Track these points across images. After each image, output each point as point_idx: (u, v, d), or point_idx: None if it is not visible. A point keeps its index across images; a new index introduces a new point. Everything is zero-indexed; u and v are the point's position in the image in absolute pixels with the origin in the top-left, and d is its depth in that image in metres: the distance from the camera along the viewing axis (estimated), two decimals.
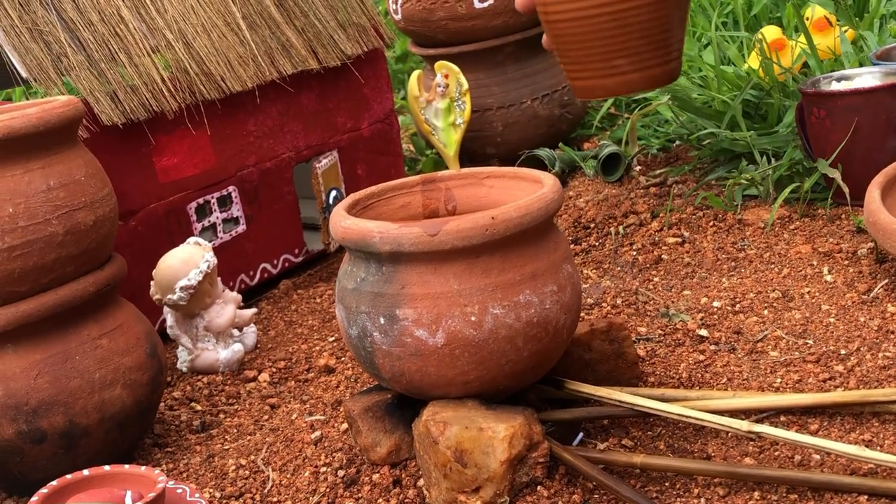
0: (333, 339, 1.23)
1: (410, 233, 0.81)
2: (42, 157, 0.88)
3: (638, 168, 1.61)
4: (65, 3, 1.19)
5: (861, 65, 1.52)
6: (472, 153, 1.75)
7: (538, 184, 0.90)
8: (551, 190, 0.85)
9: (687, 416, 0.84)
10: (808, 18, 1.67)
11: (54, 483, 0.82)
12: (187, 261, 1.13)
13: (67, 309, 0.90)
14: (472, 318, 0.81)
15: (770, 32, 1.65)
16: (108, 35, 1.22)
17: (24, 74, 1.15)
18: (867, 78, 1.30)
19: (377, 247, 0.82)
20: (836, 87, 1.31)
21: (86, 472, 0.84)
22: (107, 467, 0.85)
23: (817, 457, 0.82)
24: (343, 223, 0.85)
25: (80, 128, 1.00)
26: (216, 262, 1.15)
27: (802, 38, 1.62)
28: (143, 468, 0.84)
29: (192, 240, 1.17)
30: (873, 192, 1.09)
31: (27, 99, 2.39)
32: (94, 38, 1.20)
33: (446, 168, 1.72)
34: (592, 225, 1.40)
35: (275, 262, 1.41)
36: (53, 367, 0.89)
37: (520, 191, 0.93)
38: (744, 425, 0.82)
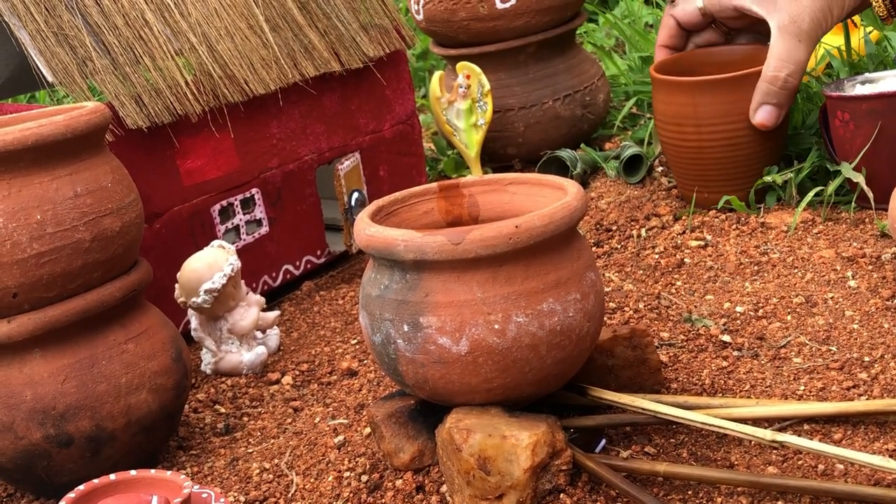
0: (356, 341, 1.23)
1: (434, 241, 0.81)
2: (69, 164, 0.89)
3: (660, 169, 1.61)
4: (90, 7, 1.20)
5: (885, 67, 1.51)
6: (493, 154, 1.75)
7: (561, 191, 0.90)
8: (575, 198, 0.85)
9: (710, 425, 0.84)
10: None
11: (81, 487, 0.83)
12: (211, 264, 1.14)
13: (94, 314, 0.90)
14: (496, 327, 0.82)
15: None
16: (132, 38, 1.22)
17: (49, 78, 1.16)
18: (892, 81, 1.29)
19: (401, 255, 0.82)
20: (860, 90, 1.30)
21: (112, 476, 0.85)
22: (133, 472, 0.86)
23: (841, 466, 0.82)
24: (367, 231, 0.85)
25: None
26: (240, 265, 1.16)
27: (826, 39, 1.61)
28: (169, 473, 0.84)
29: (216, 243, 1.17)
30: None
31: (50, 99, 2.42)
32: (118, 42, 1.21)
33: (467, 169, 1.72)
34: (615, 227, 1.40)
35: (297, 263, 1.42)
36: (80, 371, 0.90)
37: (543, 198, 0.93)
38: (767, 434, 0.82)
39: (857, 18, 1.65)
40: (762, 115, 1.27)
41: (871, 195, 1.23)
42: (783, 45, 1.25)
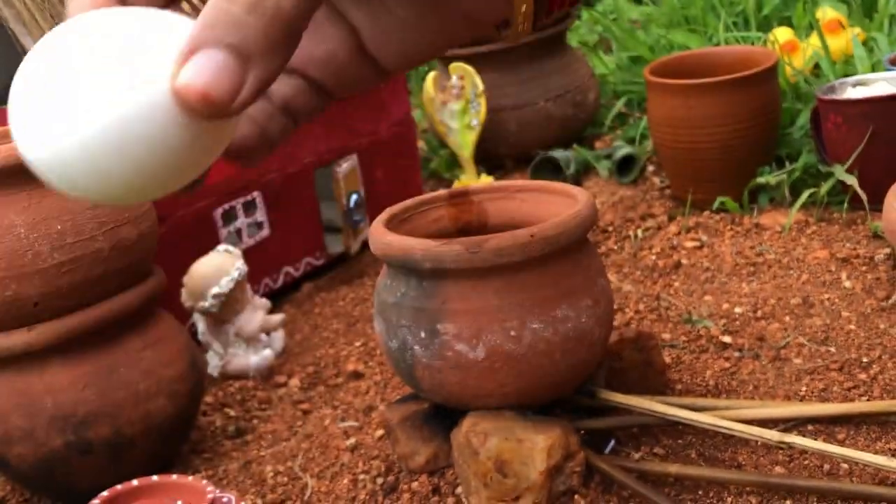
0: (360, 343, 1.25)
1: (452, 250, 0.83)
2: None
3: (651, 168, 1.63)
4: None
5: (874, 68, 1.54)
6: (486, 153, 1.77)
7: (570, 198, 0.92)
8: (585, 206, 0.87)
9: (720, 427, 0.87)
10: (819, 20, 1.69)
11: (105, 493, 0.84)
12: (219, 269, 1.15)
13: (113, 322, 0.92)
14: (512, 333, 0.84)
15: (782, 34, 1.68)
16: None
17: None
18: (883, 85, 1.32)
19: (419, 263, 0.84)
20: (851, 93, 1.33)
21: (135, 482, 0.86)
22: (155, 477, 0.87)
23: (846, 466, 0.85)
24: (384, 239, 0.87)
25: None
26: (247, 269, 1.17)
27: (813, 40, 1.64)
28: (191, 478, 0.86)
29: (222, 247, 1.19)
30: (892, 201, 1.11)
31: None
32: None
33: (460, 168, 1.74)
34: (611, 228, 1.42)
35: (297, 265, 1.43)
36: (100, 379, 0.91)
37: (552, 205, 0.95)
38: (775, 436, 0.84)
39: (844, 20, 1.68)
40: (192, 74, 0.38)
41: (864, 197, 1.25)
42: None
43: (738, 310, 1.14)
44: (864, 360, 1.00)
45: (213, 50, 0.38)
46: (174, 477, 0.87)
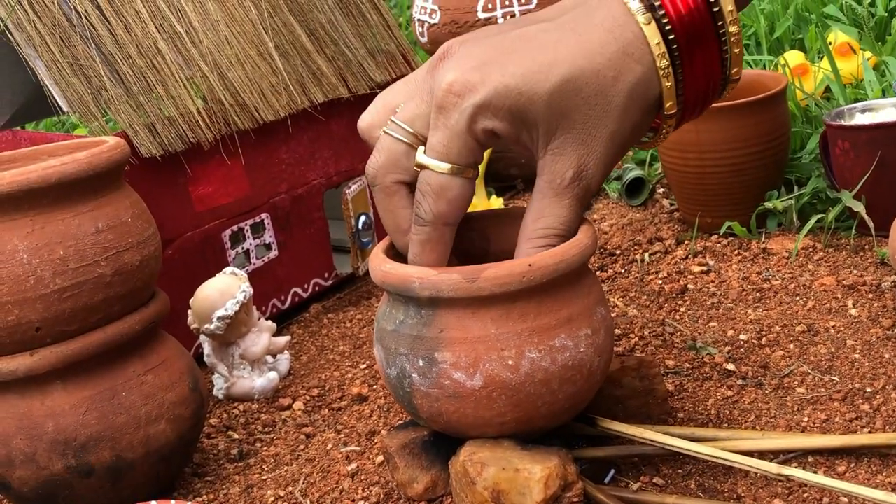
0: (365, 365, 1.25)
1: (450, 279, 0.83)
2: (91, 200, 0.91)
3: (661, 191, 1.63)
4: (104, 38, 1.22)
5: (884, 93, 1.54)
6: (496, 174, 1.77)
7: None
8: (586, 236, 0.87)
9: (718, 458, 0.87)
10: (830, 43, 1.68)
11: None
12: (224, 291, 1.16)
13: (114, 347, 0.92)
14: (509, 362, 0.84)
15: (793, 58, 1.67)
16: (145, 68, 1.24)
17: (65, 108, 1.18)
18: (891, 111, 1.32)
19: (417, 292, 0.84)
20: (859, 119, 1.33)
21: None
22: (154, 502, 0.88)
23: (845, 500, 0.85)
24: (383, 268, 0.87)
25: None
26: (252, 291, 1.18)
27: (824, 64, 1.64)
28: (189, 503, 0.87)
29: (228, 270, 1.19)
30: None
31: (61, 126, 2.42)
32: (132, 71, 1.23)
33: None
34: (618, 252, 1.42)
35: (305, 286, 1.44)
36: (101, 403, 0.92)
37: None
38: (773, 468, 0.84)
39: (856, 43, 1.68)
40: None
41: (871, 223, 1.25)
42: (558, 212, 0.87)
43: (742, 337, 1.14)
44: (868, 390, 1.00)
45: None
46: (173, 502, 0.87)
